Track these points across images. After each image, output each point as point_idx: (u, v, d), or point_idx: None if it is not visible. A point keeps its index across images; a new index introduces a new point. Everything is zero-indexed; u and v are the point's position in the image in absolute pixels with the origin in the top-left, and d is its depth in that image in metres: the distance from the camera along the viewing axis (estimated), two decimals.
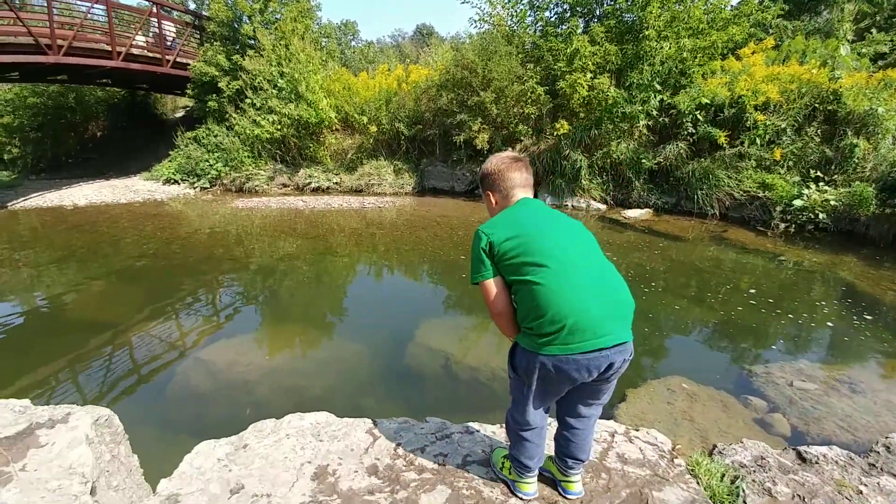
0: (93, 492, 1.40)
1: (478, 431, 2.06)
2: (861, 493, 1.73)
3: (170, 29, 12.89)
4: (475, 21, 11.02)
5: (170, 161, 12.78)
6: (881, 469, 1.90)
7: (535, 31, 10.61)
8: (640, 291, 5.41)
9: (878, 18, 12.57)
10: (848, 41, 10.03)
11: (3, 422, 1.59)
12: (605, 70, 9.32)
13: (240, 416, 3.01)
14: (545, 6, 10.32)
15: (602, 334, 1.40)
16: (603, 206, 9.25)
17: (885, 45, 10.85)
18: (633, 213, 8.74)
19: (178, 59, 12.74)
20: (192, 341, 4.25)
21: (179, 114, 16.81)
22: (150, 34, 12.85)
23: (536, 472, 1.71)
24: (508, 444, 1.75)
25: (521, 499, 1.69)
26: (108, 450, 1.60)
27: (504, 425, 1.76)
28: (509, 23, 10.71)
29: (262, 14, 12.38)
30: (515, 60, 9.83)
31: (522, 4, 10.53)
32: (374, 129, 11.31)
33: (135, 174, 13.66)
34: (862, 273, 6.03)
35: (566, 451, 1.67)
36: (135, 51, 11.75)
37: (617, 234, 7.78)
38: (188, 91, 13.04)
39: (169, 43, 12.86)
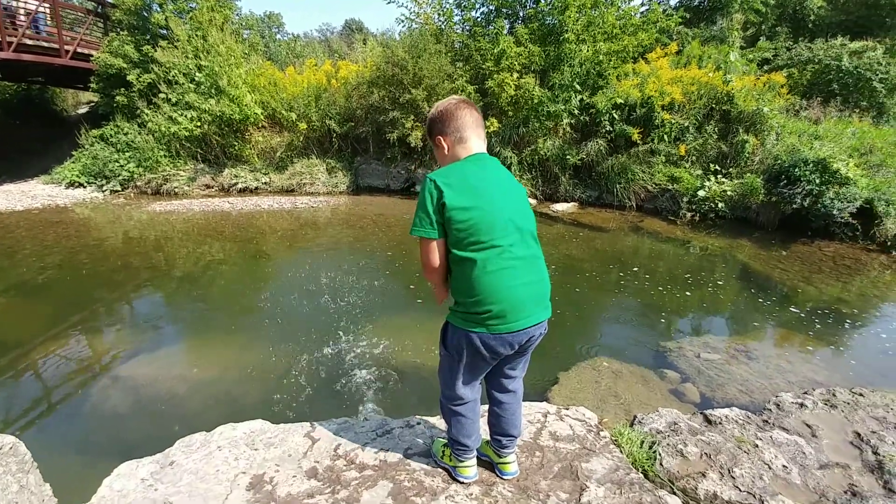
0: None
1: (418, 424, 2.09)
2: (757, 446, 1.95)
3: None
4: (402, 20, 11.03)
5: (73, 162, 11.53)
6: (773, 424, 2.14)
7: (462, 31, 10.80)
8: (568, 280, 5.77)
9: (763, 28, 14.12)
10: (739, 48, 11.19)
11: None
12: (530, 70, 9.71)
13: (166, 434, 2.85)
14: (471, 6, 10.53)
15: (525, 316, 1.51)
16: (533, 201, 9.65)
17: (769, 52, 12.23)
18: (560, 207, 9.23)
19: (80, 50, 11.53)
20: (109, 359, 3.96)
21: (83, 110, 15.23)
22: None
23: (475, 453, 1.78)
24: (446, 431, 1.82)
25: (461, 483, 1.75)
26: (16, 480, 1.48)
27: (440, 412, 1.82)
28: (437, 21, 10.81)
29: (175, 2, 11.55)
30: (445, 59, 9.96)
31: (448, 3, 10.68)
32: (303, 126, 10.96)
33: (32, 178, 12.17)
34: (754, 254, 6.82)
35: (499, 429, 1.77)
36: (28, 40, 10.49)
37: (547, 227, 8.18)
38: (92, 85, 11.86)
39: (23, 21, 10.67)
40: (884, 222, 6.80)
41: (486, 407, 1.84)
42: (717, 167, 8.87)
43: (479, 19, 10.58)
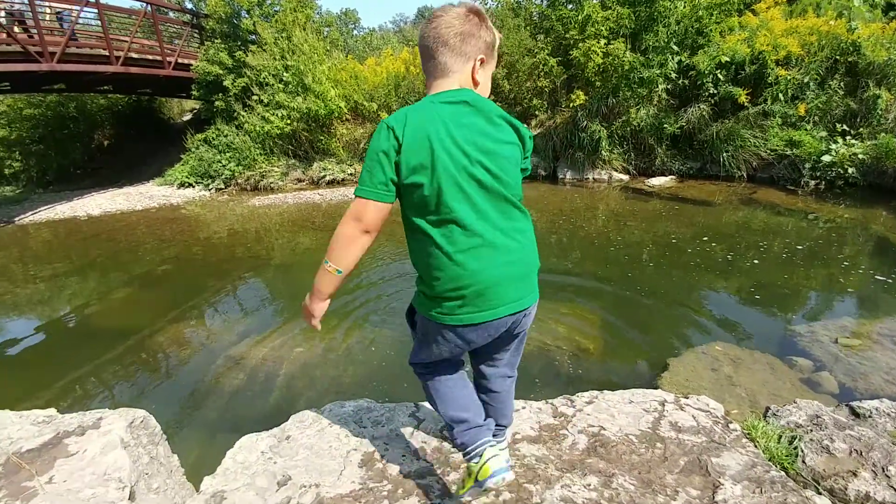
0: (132, 497, 1.33)
1: (523, 409, 2.00)
2: None
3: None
4: None
5: (182, 164, 12.72)
6: None
7: (541, 2, 10.29)
8: (670, 261, 5.37)
9: None
10: None
11: (24, 434, 1.50)
12: (618, 35, 9.05)
13: (277, 409, 2.99)
14: None
15: (503, 303, 1.21)
16: (625, 177, 9.07)
17: None
18: (656, 181, 8.58)
19: (180, 60, 12.59)
20: (222, 340, 4.20)
21: (187, 117, 16.73)
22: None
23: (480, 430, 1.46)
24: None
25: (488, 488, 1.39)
26: (146, 452, 1.55)
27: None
28: None
29: (261, 7, 12.18)
30: (525, 33, 9.57)
31: None
32: (384, 115, 11.13)
33: (148, 180, 13.66)
34: (893, 226, 5.92)
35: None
36: (134, 54, 11.62)
37: (642, 203, 7.65)
38: (193, 92, 12.93)
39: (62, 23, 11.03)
40: None
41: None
42: (844, 127, 7.72)
43: None
